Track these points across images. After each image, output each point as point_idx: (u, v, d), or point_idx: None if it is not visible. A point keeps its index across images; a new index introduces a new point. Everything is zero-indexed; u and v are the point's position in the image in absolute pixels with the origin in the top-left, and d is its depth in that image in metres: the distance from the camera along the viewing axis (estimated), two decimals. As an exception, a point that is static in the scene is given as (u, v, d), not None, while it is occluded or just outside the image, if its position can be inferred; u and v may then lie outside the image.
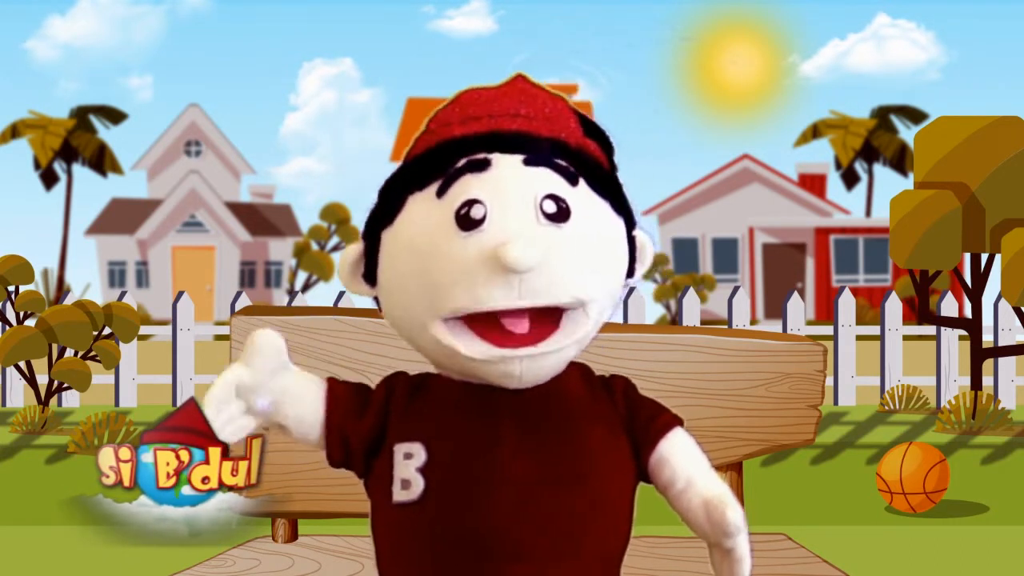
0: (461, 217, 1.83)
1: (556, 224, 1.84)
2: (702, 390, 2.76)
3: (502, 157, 1.87)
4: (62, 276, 43.69)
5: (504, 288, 1.81)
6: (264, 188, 46.62)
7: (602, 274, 1.89)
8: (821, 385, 2.81)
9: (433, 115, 1.95)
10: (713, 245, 39.88)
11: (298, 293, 10.20)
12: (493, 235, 1.82)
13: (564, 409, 1.91)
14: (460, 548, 1.86)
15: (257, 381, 1.89)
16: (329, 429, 1.94)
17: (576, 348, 1.90)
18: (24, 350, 8.14)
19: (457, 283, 1.83)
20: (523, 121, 1.91)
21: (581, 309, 1.87)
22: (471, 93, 1.94)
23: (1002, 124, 8.30)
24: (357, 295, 1.99)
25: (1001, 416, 7.84)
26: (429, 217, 1.86)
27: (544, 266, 1.81)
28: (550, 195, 1.85)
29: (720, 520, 1.87)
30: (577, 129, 1.94)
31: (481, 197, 1.83)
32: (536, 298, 1.82)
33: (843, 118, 45.62)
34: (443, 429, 1.89)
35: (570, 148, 1.91)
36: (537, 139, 1.90)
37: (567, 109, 1.95)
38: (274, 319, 2.76)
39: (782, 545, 2.91)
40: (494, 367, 1.85)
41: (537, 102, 1.93)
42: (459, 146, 1.89)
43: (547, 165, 1.88)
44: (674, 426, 1.96)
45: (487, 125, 1.90)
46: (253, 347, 1.89)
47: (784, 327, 9.41)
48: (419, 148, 1.94)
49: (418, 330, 1.89)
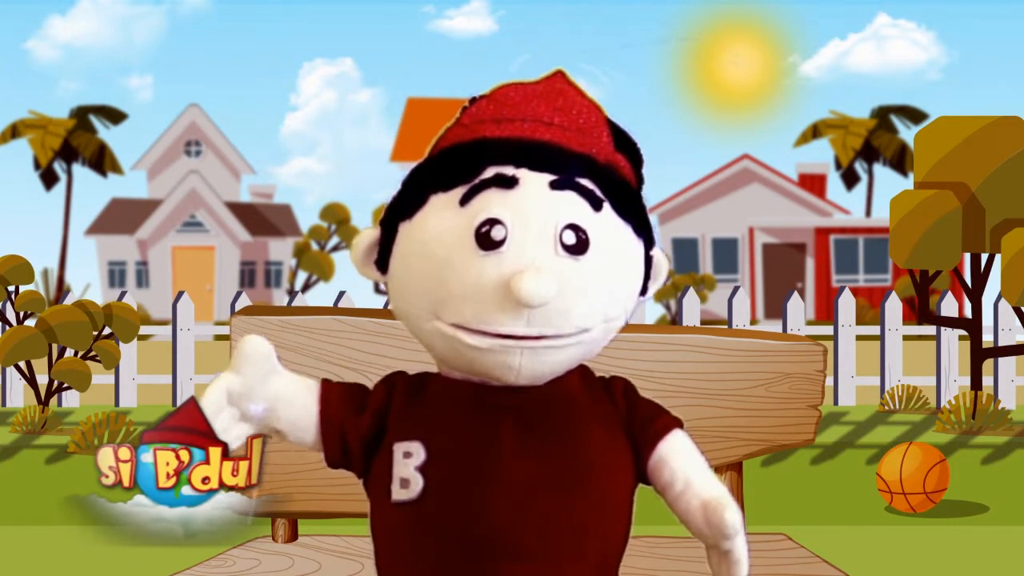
0: (481, 235, 1.83)
1: (573, 256, 1.84)
2: (702, 390, 2.76)
3: (529, 176, 1.87)
4: (62, 276, 43.70)
5: (513, 316, 1.82)
6: (264, 188, 46.62)
7: (613, 305, 1.90)
8: (821, 385, 2.81)
9: (468, 106, 1.94)
10: (713, 245, 39.88)
11: (298, 293, 10.20)
12: (510, 261, 1.82)
13: (564, 409, 1.91)
14: (459, 547, 1.86)
15: (248, 388, 1.89)
16: (325, 429, 1.94)
17: (581, 350, 1.90)
18: (24, 350, 8.14)
19: (467, 300, 1.83)
20: (556, 131, 1.90)
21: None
22: (508, 89, 1.93)
23: (1002, 124, 8.30)
24: (366, 278, 1.99)
25: (1001, 416, 7.84)
26: (449, 224, 1.86)
27: (556, 299, 1.81)
28: (571, 225, 1.84)
29: (718, 522, 1.87)
30: (608, 143, 1.93)
31: (503, 218, 1.83)
32: (544, 328, 1.83)
33: (843, 118, 45.62)
34: (443, 428, 1.89)
35: (598, 165, 1.90)
36: (567, 154, 1.89)
37: (601, 120, 1.94)
38: (274, 319, 2.76)
39: (782, 545, 2.90)
40: (494, 356, 1.85)
41: (572, 110, 1.92)
42: (488, 150, 1.89)
43: (573, 188, 1.87)
44: (673, 428, 1.96)
45: (519, 130, 1.89)
46: (241, 354, 1.89)
47: (784, 327, 9.41)
48: (448, 141, 1.93)
49: (422, 322, 1.90)
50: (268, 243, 44.05)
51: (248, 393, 1.89)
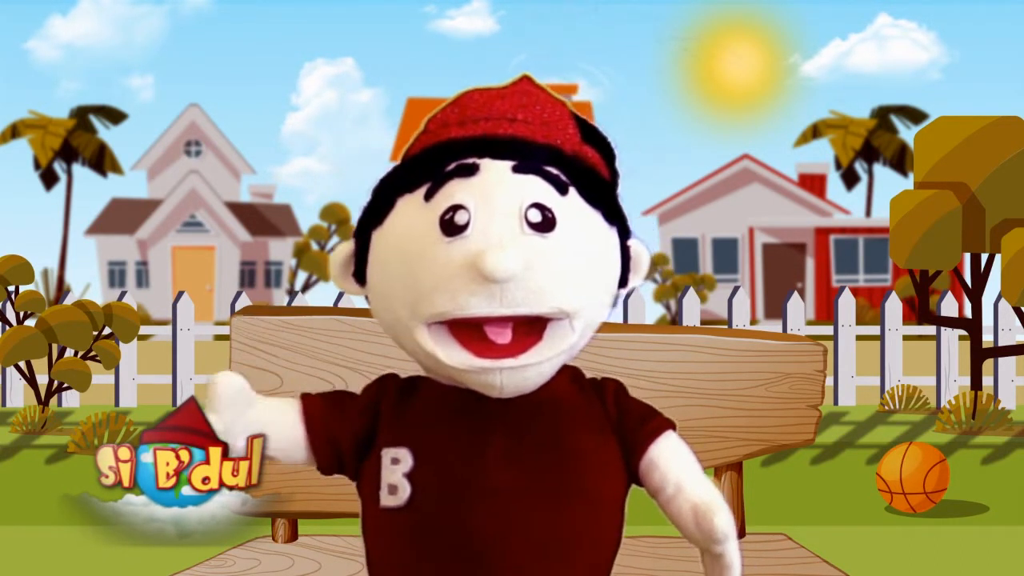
0: (445, 222, 1.82)
1: (540, 234, 1.82)
2: (702, 390, 2.76)
3: (491, 163, 1.86)
4: (62, 276, 43.69)
5: (485, 296, 1.80)
6: (264, 188, 46.61)
7: (587, 286, 1.87)
8: (821, 385, 2.80)
9: (433, 115, 1.94)
10: (713, 245, 39.87)
11: (298, 293, 10.20)
12: (475, 242, 1.81)
13: (554, 415, 1.90)
14: (447, 556, 1.85)
15: (229, 426, 1.88)
16: (314, 442, 1.93)
17: (562, 359, 1.88)
18: (24, 350, 8.14)
19: (439, 288, 1.82)
20: (519, 126, 1.90)
21: (566, 320, 1.85)
22: (471, 94, 1.93)
23: (1002, 124, 8.29)
24: (349, 294, 1.99)
25: (1001, 416, 7.84)
26: (416, 221, 1.86)
27: (526, 276, 1.80)
28: (536, 204, 1.83)
29: (708, 527, 1.86)
30: (575, 135, 1.92)
31: (466, 203, 1.83)
32: (517, 307, 1.81)
33: (843, 118, 45.61)
34: (431, 435, 1.88)
35: (564, 155, 1.89)
36: (530, 145, 1.88)
37: (567, 114, 1.93)
38: (274, 319, 2.76)
39: (782, 545, 2.90)
40: (474, 377, 1.84)
41: (536, 107, 1.92)
42: (451, 149, 1.89)
43: (536, 173, 1.86)
44: (665, 430, 1.95)
45: (482, 128, 1.89)
46: (215, 394, 1.88)
47: (784, 327, 9.41)
48: (415, 148, 1.93)
49: (403, 333, 1.89)
50: (268, 243, 44.04)
51: (230, 431, 1.88)
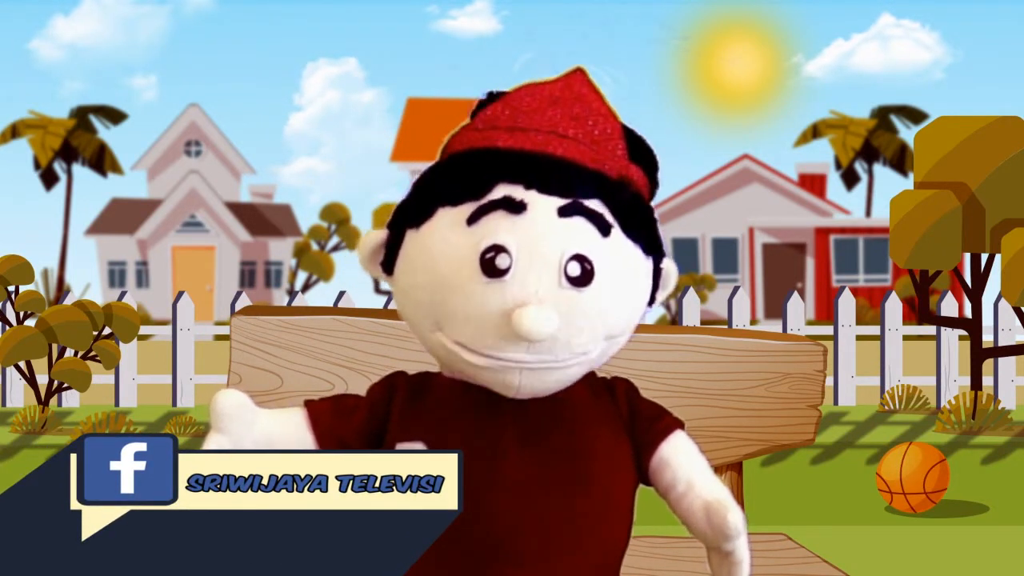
0: (485, 261, 1.83)
1: (577, 288, 1.83)
2: (702, 390, 2.76)
3: (538, 200, 1.85)
4: (62, 276, 43.70)
5: (514, 344, 1.82)
6: (264, 188, 46.62)
7: (617, 325, 1.89)
8: (821, 385, 2.80)
9: (482, 106, 1.93)
10: (713, 245, 39.88)
11: (298, 293, 10.21)
12: (513, 292, 1.81)
13: (566, 412, 1.91)
14: (461, 551, 1.86)
15: (237, 443, 1.87)
16: (322, 442, 1.93)
17: (581, 369, 1.89)
18: (24, 350, 8.14)
19: (469, 323, 1.83)
20: (570, 145, 1.88)
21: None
22: (524, 93, 1.91)
23: (1002, 124, 8.30)
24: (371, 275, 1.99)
25: (1001, 416, 7.84)
26: (455, 245, 1.85)
27: (557, 331, 1.81)
28: (577, 256, 1.84)
29: (721, 524, 1.86)
30: (623, 155, 1.92)
31: (509, 246, 1.82)
32: (545, 356, 1.83)
33: (843, 118, 45.62)
34: (445, 431, 1.89)
35: (610, 182, 1.89)
36: (578, 174, 1.87)
37: (617, 129, 1.92)
38: (274, 319, 2.76)
39: (782, 545, 2.90)
40: (493, 375, 1.85)
41: (588, 120, 1.90)
42: (499, 165, 1.87)
43: (582, 214, 1.86)
44: (675, 429, 1.96)
45: (533, 143, 1.88)
46: (220, 414, 1.86)
47: (784, 327, 9.41)
48: (460, 145, 1.92)
49: (424, 331, 1.90)
50: (268, 243, 44.05)
51: (239, 446, 1.87)
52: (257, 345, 2.69)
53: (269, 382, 2.67)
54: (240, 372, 2.62)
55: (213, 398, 1.88)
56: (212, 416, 1.87)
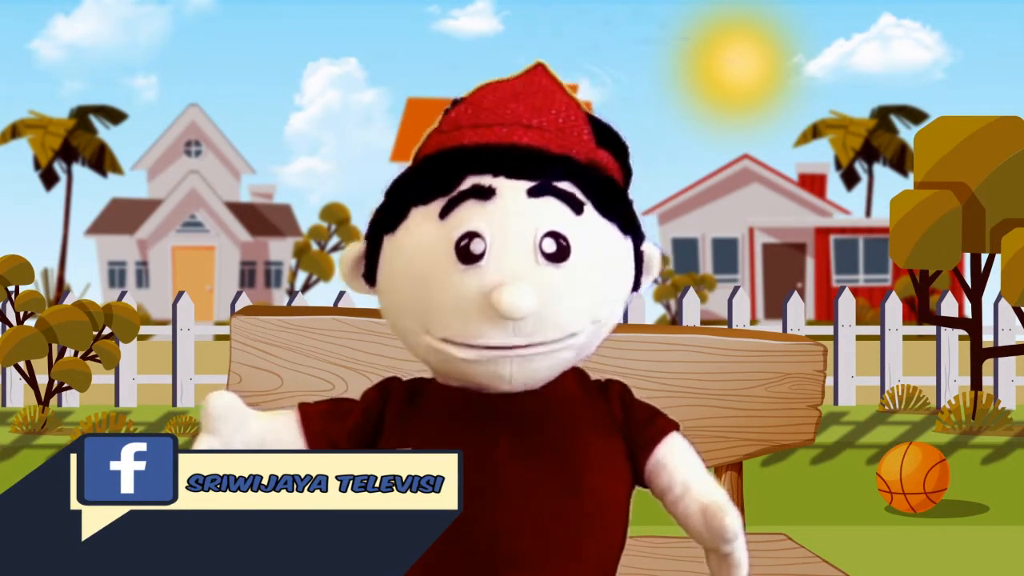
0: (461, 249, 1.83)
1: (555, 264, 1.83)
2: (702, 390, 2.76)
3: (507, 185, 1.86)
4: (62, 276, 43.71)
5: (499, 328, 1.82)
6: (264, 188, 46.63)
7: (601, 304, 1.88)
8: (821, 385, 2.80)
9: (447, 111, 1.93)
10: (713, 245, 39.88)
11: (298, 293, 10.21)
12: (490, 274, 1.82)
13: (561, 415, 1.91)
14: (457, 555, 1.85)
15: (227, 441, 1.87)
16: (312, 443, 1.93)
17: (572, 353, 1.89)
18: (24, 350, 8.14)
19: (451, 314, 1.83)
20: (535, 134, 1.89)
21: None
22: (486, 91, 1.92)
23: (1002, 124, 8.30)
24: (357, 292, 2.00)
25: (1001, 416, 7.84)
26: (430, 239, 1.86)
27: (539, 310, 1.81)
28: (550, 232, 1.84)
29: (718, 527, 1.86)
30: (589, 140, 1.92)
31: (482, 231, 1.83)
32: (531, 337, 1.83)
33: (843, 118, 45.63)
34: (439, 436, 1.89)
35: (579, 165, 1.89)
36: (545, 158, 1.88)
37: (580, 117, 1.92)
38: (274, 319, 2.76)
39: (782, 545, 2.90)
40: (484, 367, 1.85)
41: (551, 110, 1.91)
42: (465, 159, 1.88)
43: (551, 193, 1.87)
44: (670, 431, 1.95)
45: (497, 135, 1.89)
46: (209, 415, 1.87)
47: (784, 327, 9.41)
48: (429, 148, 1.93)
49: (412, 336, 1.90)
50: (268, 243, 44.06)
51: (229, 446, 1.87)
52: (257, 345, 2.69)
53: (269, 382, 2.67)
54: (240, 372, 2.62)
55: (207, 399, 1.88)
56: (202, 417, 1.87)
